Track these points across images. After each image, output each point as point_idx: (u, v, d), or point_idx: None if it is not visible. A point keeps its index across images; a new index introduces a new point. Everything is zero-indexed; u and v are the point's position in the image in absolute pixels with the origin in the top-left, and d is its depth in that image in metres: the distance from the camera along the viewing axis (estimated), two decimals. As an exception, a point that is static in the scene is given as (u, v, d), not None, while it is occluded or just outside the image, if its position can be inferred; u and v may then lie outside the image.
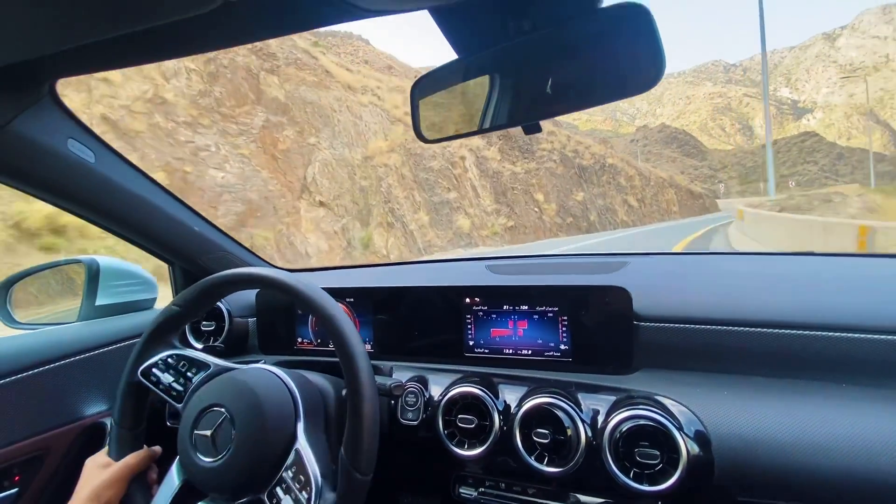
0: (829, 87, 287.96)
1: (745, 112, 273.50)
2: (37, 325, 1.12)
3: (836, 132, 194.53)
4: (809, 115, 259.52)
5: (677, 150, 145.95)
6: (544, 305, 0.86)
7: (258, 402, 0.66)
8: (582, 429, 0.72)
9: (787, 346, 0.73)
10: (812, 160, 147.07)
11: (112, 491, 0.70)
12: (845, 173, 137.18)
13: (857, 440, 0.61)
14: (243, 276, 0.76)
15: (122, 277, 1.13)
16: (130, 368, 0.77)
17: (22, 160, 0.76)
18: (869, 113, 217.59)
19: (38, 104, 0.72)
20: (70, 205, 0.90)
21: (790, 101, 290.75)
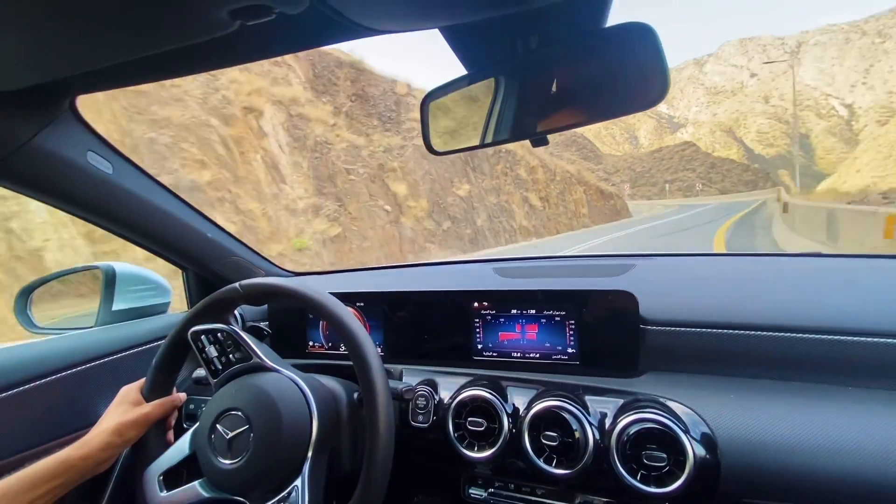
0: (698, 106, 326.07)
1: (632, 123, 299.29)
2: (57, 331, 1.13)
3: (704, 146, 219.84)
4: (683, 129, 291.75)
5: (577, 153, 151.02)
6: (552, 309, 0.88)
7: (277, 413, 0.68)
8: (590, 431, 0.73)
9: (794, 349, 0.74)
10: (690, 168, 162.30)
11: (134, 431, 0.74)
12: (717, 181, 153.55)
13: (866, 444, 0.61)
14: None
15: (138, 283, 1.16)
16: (182, 325, 0.80)
17: (44, 173, 0.79)
18: (729, 130, 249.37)
19: (58, 119, 0.75)
20: (89, 215, 0.93)
21: (668, 116, 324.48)
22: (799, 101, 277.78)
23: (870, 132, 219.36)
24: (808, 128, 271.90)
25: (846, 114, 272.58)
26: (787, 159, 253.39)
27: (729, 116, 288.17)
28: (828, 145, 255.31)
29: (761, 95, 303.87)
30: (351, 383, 0.82)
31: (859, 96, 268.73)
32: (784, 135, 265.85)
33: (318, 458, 0.70)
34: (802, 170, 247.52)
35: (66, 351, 0.95)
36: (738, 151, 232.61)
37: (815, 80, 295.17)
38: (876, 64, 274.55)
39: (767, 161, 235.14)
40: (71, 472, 0.68)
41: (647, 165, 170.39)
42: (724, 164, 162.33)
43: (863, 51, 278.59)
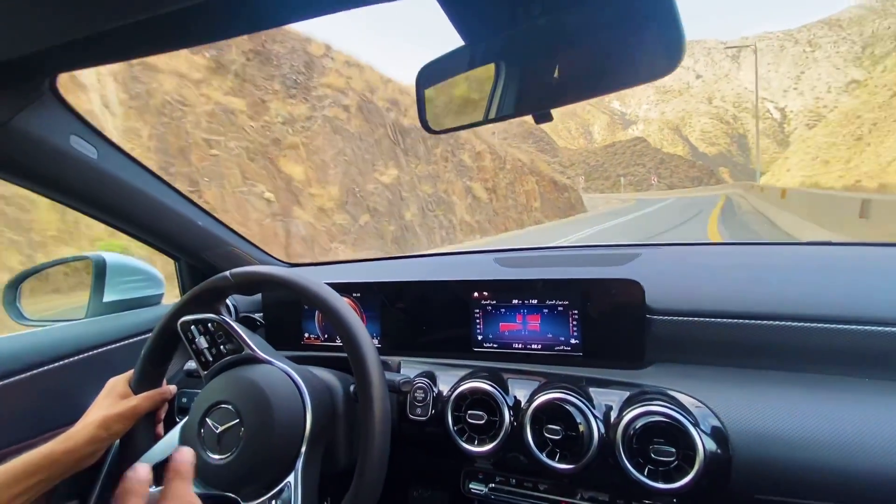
0: (648, 104, 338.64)
1: (587, 118, 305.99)
2: (47, 322, 1.11)
3: (653, 142, 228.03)
4: (634, 126, 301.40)
5: (533, 145, 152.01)
6: (554, 299, 0.85)
7: (269, 407, 0.65)
8: (594, 425, 0.70)
9: (807, 339, 0.71)
10: (640, 163, 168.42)
11: (121, 425, 0.72)
12: (666, 176, 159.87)
13: (885, 437, 0.59)
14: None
15: (129, 274, 1.13)
16: (171, 315, 0.77)
17: (24, 157, 0.76)
18: (676, 128, 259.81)
19: (39, 100, 0.72)
20: (73, 201, 0.90)
21: (620, 113, 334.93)
22: (738, 104, 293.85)
23: (799, 135, 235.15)
24: (745, 129, 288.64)
25: (779, 117, 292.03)
26: (727, 157, 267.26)
27: (676, 115, 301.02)
28: (762, 145, 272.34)
29: (705, 96, 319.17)
30: (347, 376, 0.79)
31: (791, 101, 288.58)
32: (725, 134, 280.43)
33: (312, 454, 0.68)
34: (739, 168, 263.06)
35: (55, 343, 0.93)
36: (683, 149, 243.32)
37: (752, 84, 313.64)
38: (806, 71, 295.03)
39: (710, 159, 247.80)
40: (55, 467, 0.65)
41: (601, 159, 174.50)
42: (672, 161, 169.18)
43: (795, 58, 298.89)
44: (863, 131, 50.28)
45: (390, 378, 0.81)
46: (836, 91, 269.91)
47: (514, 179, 21.19)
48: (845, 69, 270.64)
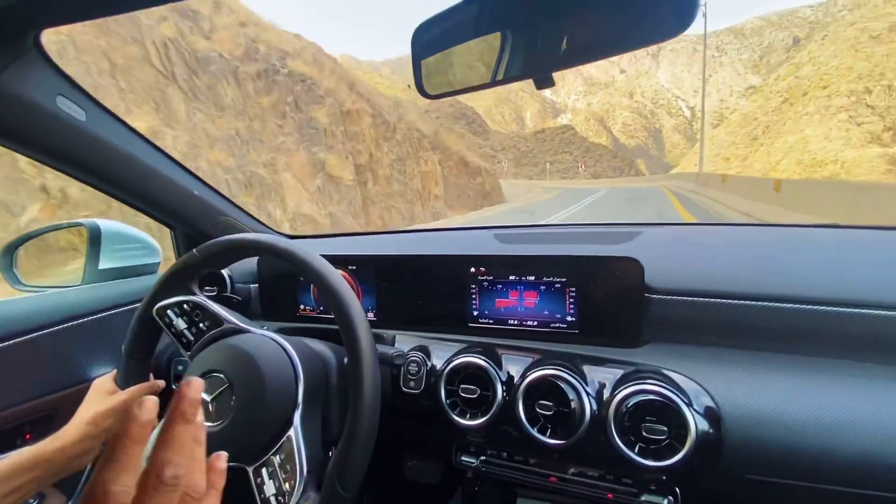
0: (576, 95, 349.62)
1: (519, 105, 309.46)
2: (42, 288, 1.11)
3: (580, 131, 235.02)
4: (563, 114, 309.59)
5: (465, 126, 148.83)
6: (552, 276, 0.85)
7: (259, 371, 0.65)
8: (587, 401, 0.71)
9: (807, 322, 0.71)
10: (568, 151, 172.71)
11: (110, 420, 0.71)
12: (591, 164, 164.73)
13: (879, 421, 0.59)
14: (267, 246, 0.72)
15: (125, 241, 1.13)
16: (146, 304, 0.77)
17: (8, 117, 0.74)
18: (600, 120, 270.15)
19: (23, 58, 0.70)
20: (61, 165, 0.87)
21: (551, 101, 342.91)
22: (656, 100, 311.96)
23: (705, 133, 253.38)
24: (661, 124, 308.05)
25: (689, 115, 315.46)
26: (644, 150, 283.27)
27: (601, 107, 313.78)
28: (674, 140, 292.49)
29: (627, 91, 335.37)
30: (341, 347, 0.77)
31: (699, 101, 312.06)
32: (643, 128, 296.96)
33: (309, 411, 0.68)
34: (654, 160, 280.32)
35: (50, 308, 0.93)
36: (607, 140, 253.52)
37: (668, 83, 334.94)
38: (714, 74, 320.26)
39: (630, 150, 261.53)
40: (46, 466, 0.64)
41: (531, 145, 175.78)
42: (597, 150, 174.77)
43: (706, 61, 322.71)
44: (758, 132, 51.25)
45: (384, 351, 0.84)
46: (736, 95, 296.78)
47: (406, 154, 15.78)
48: (745, 75, 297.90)
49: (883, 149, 38.47)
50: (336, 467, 0.62)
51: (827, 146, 41.15)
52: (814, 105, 48.96)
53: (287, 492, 0.62)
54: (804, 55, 65.57)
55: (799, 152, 39.06)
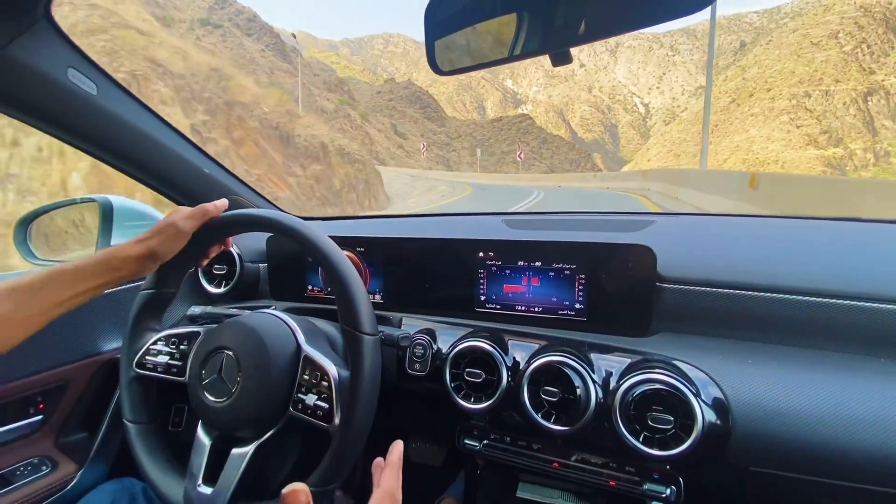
0: (538, 86, 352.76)
1: (481, 93, 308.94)
2: (57, 262, 1.11)
3: (539, 123, 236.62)
4: (523, 105, 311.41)
5: (420, 111, 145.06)
6: (561, 262, 0.84)
7: (262, 343, 0.68)
8: (592, 389, 0.70)
9: (820, 315, 0.70)
10: (525, 141, 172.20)
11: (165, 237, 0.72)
12: (547, 156, 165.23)
13: (891, 418, 0.58)
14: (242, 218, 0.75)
15: (136, 218, 1.14)
16: (125, 367, 0.78)
17: (19, 88, 0.74)
18: (560, 112, 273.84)
19: (34, 28, 0.70)
20: (71, 137, 0.88)
21: (512, 91, 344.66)
22: (613, 95, 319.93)
23: (658, 129, 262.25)
24: (617, 119, 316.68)
25: (643, 111, 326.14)
26: (600, 145, 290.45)
27: (561, 100, 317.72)
28: (629, 136, 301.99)
29: (586, 85, 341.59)
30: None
31: (653, 98, 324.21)
32: (600, 123, 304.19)
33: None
34: (610, 155, 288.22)
35: None
36: (566, 132, 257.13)
37: (625, 79, 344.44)
38: (667, 73, 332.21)
39: (587, 144, 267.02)
40: (112, 273, 0.68)
41: (488, 134, 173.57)
42: (554, 142, 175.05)
43: (660, 60, 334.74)
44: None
45: (389, 332, 0.85)
46: (687, 94, 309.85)
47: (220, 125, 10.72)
48: (696, 75, 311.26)
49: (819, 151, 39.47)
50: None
51: (769, 146, 41.98)
52: (759, 106, 50.08)
53: (326, 388, 0.66)
54: (750, 58, 67.59)
55: (744, 151, 39.52)
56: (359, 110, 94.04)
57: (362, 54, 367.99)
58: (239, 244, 1.09)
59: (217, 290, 1.11)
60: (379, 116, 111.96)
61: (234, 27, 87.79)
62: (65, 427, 0.95)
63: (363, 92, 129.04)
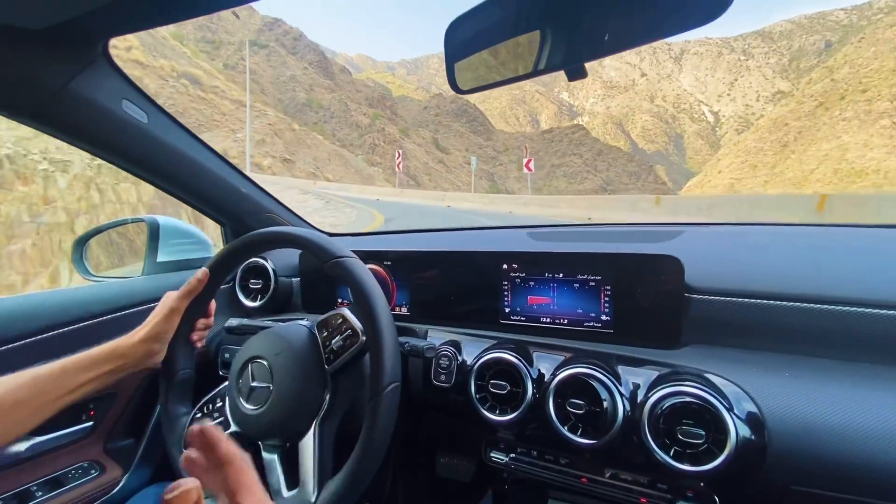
0: (594, 98, 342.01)
1: (535, 106, 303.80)
2: (108, 278, 1.21)
3: (597, 135, 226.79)
4: (580, 118, 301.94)
5: (466, 124, 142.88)
6: (586, 273, 0.84)
7: (292, 352, 0.73)
8: (619, 402, 0.68)
9: (860, 326, 0.67)
10: (578, 153, 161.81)
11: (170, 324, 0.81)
12: (602, 169, 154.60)
13: None
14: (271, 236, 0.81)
15: (180, 236, 1.22)
16: (173, 454, 0.80)
17: (81, 120, 0.81)
18: (619, 124, 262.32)
19: (92, 65, 0.76)
20: (124, 163, 0.95)
21: (568, 104, 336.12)
22: (677, 104, 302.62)
23: (729, 139, 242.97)
24: (682, 129, 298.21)
25: (713, 120, 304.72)
26: (664, 156, 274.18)
27: (620, 111, 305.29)
28: (696, 146, 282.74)
29: (648, 94, 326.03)
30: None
31: (724, 105, 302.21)
32: (664, 133, 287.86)
33: (334, 408, 0.73)
34: (675, 167, 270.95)
35: (114, 295, 1.02)
36: (625, 143, 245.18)
37: (691, 87, 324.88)
38: (739, 79, 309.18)
39: (649, 156, 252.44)
40: (120, 359, 0.74)
41: (537, 146, 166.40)
42: (610, 153, 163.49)
43: (730, 65, 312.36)
44: (789, 139, 46.27)
45: (415, 343, 0.85)
46: (763, 100, 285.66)
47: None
48: (773, 80, 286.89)
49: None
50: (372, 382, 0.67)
51: (867, 154, 34.67)
52: (852, 110, 42.56)
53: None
54: (839, 58, 59.06)
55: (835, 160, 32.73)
56: (400, 126, 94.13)
57: (418, 73, 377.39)
58: (273, 260, 1.16)
59: (253, 303, 1.18)
60: (421, 131, 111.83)
61: (280, 46, 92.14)
62: (112, 433, 1.01)
63: (411, 108, 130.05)
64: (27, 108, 0.76)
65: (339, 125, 76.53)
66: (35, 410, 0.65)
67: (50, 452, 0.90)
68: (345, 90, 76.05)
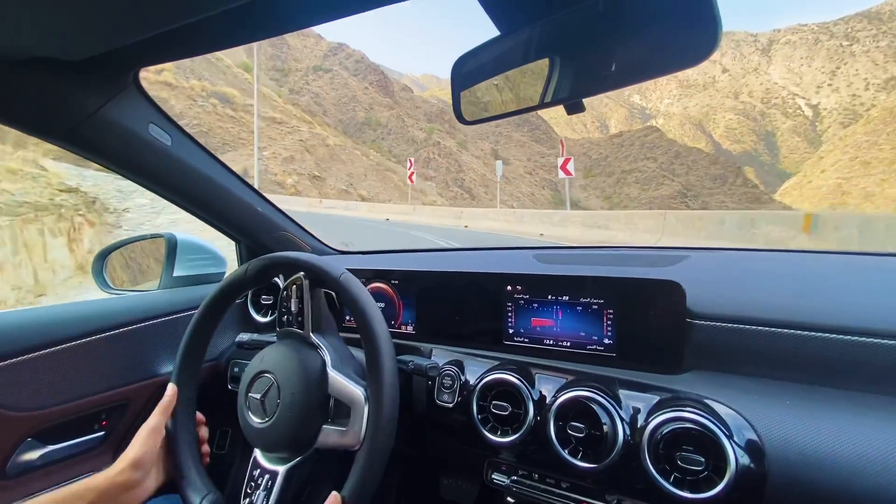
0: (670, 98, 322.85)
1: (603, 112, 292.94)
2: (126, 291, 1.24)
3: (672, 136, 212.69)
4: (654, 120, 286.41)
5: (528, 133, 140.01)
6: (589, 297, 0.84)
7: (297, 367, 0.75)
8: (620, 426, 0.69)
9: (863, 355, 0.67)
10: (652, 156, 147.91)
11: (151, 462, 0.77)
12: (681, 173, 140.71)
13: None
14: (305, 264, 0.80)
15: (197, 252, 1.26)
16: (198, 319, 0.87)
17: (109, 142, 0.85)
18: (698, 124, 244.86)
19: (123, 92, 0.80)
20: (150, 183, 0.99)
21: (640, 107, 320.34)
22: (767, 100, 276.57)
23: (833, 133, 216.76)
24: (774, 126, 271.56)
25: (811, 114, 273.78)
26: (752, 156, 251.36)
27: (699, 110, 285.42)
28: (792, 144, 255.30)
29: (731, 91, 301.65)
30: None
31: (824, 97, 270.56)
32: (751, 131, 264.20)
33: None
34: (767, 168, 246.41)
35: (132, 309, 1.05)
36: (707, 144, 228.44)
37: (783, 79, 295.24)
38: (842, 66, 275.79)
39: (734, 157, 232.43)
40: (94, 494, 0.68)
41: (605, 152, 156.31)
42: (689, 154, 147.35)
43: (830, 52, 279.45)
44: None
45: (419, 362, 0.87)
46: (874, 88, 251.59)
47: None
48: (884, 65, 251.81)
49: None
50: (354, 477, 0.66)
51: None
52: None
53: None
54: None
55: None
56: (457, 139, 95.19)
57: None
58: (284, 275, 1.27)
59: (263, 318, 1.24)
60: (480, 143, 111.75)
61: (343, 69, 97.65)
62: (123, 443, 1.00)
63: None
64: (59, 131, 0.79)
65: (396, 141, 79.29)
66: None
67: (61, 461, 0.91)
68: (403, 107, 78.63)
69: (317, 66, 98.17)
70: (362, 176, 42.24)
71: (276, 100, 57.80)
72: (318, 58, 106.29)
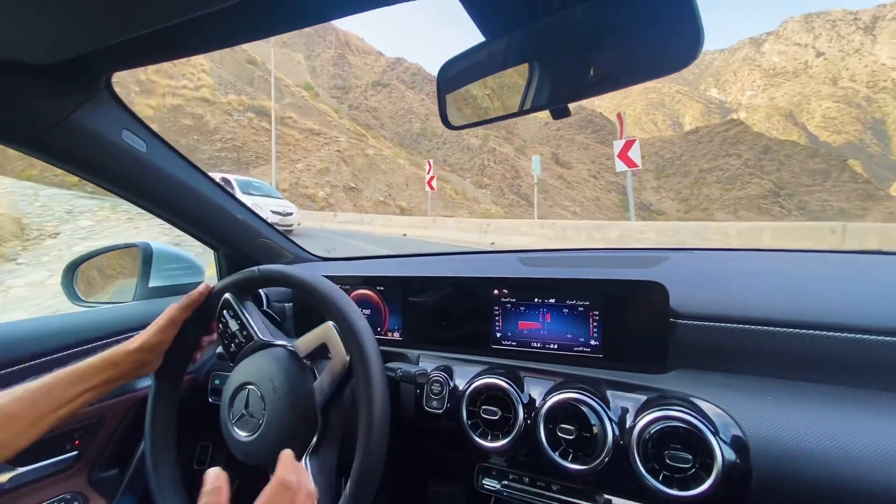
0: (752, 89, 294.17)
1: (676, 108, 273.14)
2: (98, 304, 1.21)
3: (759, 129, 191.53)
4: (734, 114, 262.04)
5: (591, 135, 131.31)
6: (574, 299, 0.85)
7: (285, 380, 0.73)
8: (609, 427, 0.70)
9: (842, 351, 0.68)
10: (735, 153, 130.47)
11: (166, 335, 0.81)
12: (771, 170, 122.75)
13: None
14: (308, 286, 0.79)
15: (173, 261, 1.21)
16: (219, 290, 0.84)
17: (81, 149, 0.82)
18: (789, 115, 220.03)
19: (95, 97, 0.78)
20: (124, 191, 0.96)
21: (718, 101, 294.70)
22: (873, 83, 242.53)
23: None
24: (884, 112, 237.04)
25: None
26: (858, 147, 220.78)
27: (789, 100, 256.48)
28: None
29: (828, 76, 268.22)
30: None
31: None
32: (855, 120, 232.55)
33: (327, 431, 0.73)
34: (877, 160, 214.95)
35: (105, 322, 1.02)
36: (800, 137, 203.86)
37: (892, 59, 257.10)
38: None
39: (835, 149, 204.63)
40: (114, 369, 0.73)
41: (679, 150, 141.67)
42: (781, 149, 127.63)
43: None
44: None
45: (407, 369, 0.87)
46: None
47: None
48: None
49: None
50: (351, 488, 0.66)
51: None
52: None
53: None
54: None
55: None
56: (515, 144, 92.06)
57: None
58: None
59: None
60: (539, 147, 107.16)
61: (401, 83, 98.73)
62: (97, 463, 0.99)
63: (531, 127, 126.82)
64: (27, 138, 0.76)
65: (451, 150, 77.76)
66: (29, 424, 0.64)
67: (32, 483, 0.88)
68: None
69: (376, 81, 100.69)
70: (403, 185, 40.61)
71: (330, 115, 58.37)
72: (378, 73, 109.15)
